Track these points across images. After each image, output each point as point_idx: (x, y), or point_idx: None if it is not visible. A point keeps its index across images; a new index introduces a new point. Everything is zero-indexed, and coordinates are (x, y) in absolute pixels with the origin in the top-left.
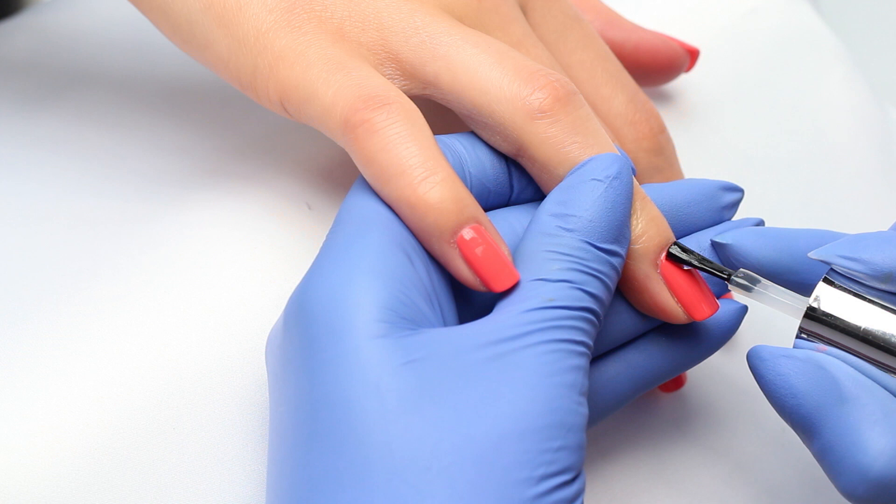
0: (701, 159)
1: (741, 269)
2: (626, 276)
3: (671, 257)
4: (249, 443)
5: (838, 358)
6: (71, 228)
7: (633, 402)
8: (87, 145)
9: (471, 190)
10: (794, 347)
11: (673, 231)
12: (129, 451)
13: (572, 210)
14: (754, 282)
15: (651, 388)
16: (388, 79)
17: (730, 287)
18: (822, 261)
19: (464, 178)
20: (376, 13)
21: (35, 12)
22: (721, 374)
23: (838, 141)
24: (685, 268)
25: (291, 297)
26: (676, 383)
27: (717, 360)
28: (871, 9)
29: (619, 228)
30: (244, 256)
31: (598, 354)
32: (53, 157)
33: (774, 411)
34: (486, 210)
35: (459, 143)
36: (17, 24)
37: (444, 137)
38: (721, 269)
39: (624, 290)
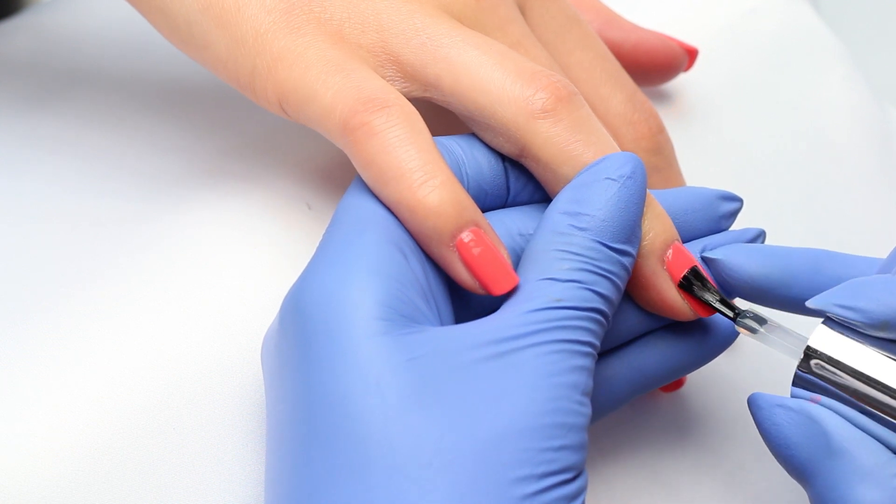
0: (700, 159)
1: (749, 310)
2: (632, 273)
3: (683, 287)
4: (249, 443)
5: (832, 408)
6: (71, 228)
7: (633, 403)
8: (87, 145)
9: (468, 192)
10: (791, 395)
11: None
12: (129, 451)
13: (585, 209)
14: (761, 323)
15: (651, 389)
16: (389, 81)
17: (736, 327)
18: (819, 310)
19: (461, 179)
20: (376, 15)
21: (35, 12)
22: (721, 375)
23: (838, 141)
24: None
25: (287, 297)
26: (677, 383)
27: (717, 362)
28: (871, 9)
29: (632, 228)
30: (244, 256)
31: (600, 352)
32: (53, 157)
33: None
34: (482, 212)
35: (457, 145)
36: (17, 24)
37: (441, 139)
38: (731, 308)
39: (629, 287)
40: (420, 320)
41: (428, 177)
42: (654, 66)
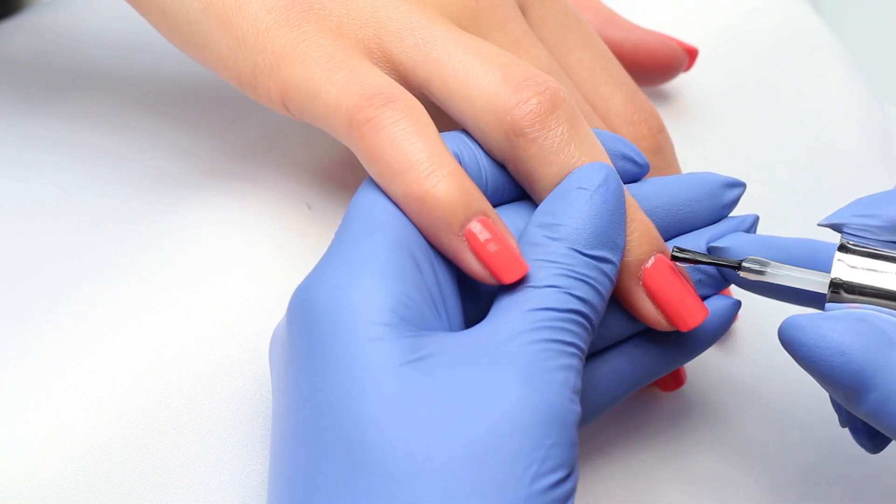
0: (700, 159)
1: (749, 257)
2: (616, 282)
3: (675, 259)
4: (249, 443)
5: (874, 310)
6: (71, 228)
7: (632, 401)
8: (87, 145)
9: (486, 185)
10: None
11: (673, 228)
12: (129, 451)
13: (558, 219)
14: (765, 265)
15: (646, 384)
16: None
17: (742, 275)
18: (833, 224)
19: (479, 173)
20: (374, 12)
21: (35, 12)
22: (720, 372)
23: (838, 141)
24: (692, 264)
25: (294, 294)
26: (676, 382)
27: (716, 359)
28: (871, 9)
29: (607, 234)
30: (244, 256)
31: (593, 351)
32: (53, 157)
33: (774, 410)
34: (497, 205)
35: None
36: (17, 24)
37: (463, 135)
38: (729, 261)
39: (615, 294)
40: (424, 325)
41: (435, 167)
42: (655, 65)
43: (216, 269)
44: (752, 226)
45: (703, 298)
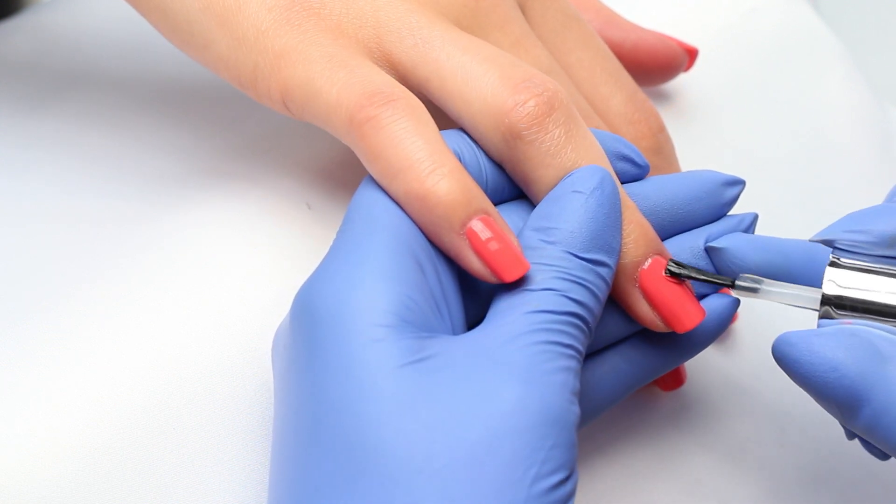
0: (700, 159)
1: (742, 274)
2: (613, 284)
3: (670, 273)
4: (250, 443)
5: (866, 325)
6: (71, 228)
7: (632, 400)
8: (87, 145)
9: (487, 184)
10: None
11: (672, 227)
12: (129, 451)
13: (554, 223)
14: (759, 282)
15: (644, 384)
16: None
17: (734, 293)
18: (825, 240)
19: (480, 171)
20: (374, 11)
21: (35, 12)
22: (720, 372)
23: (838, 141)
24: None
25: (298, 294)
26: (677, 381)
27: (716, 359)
28: (871, 9)
29: (603, 238)
30: (244, 256)
31: (591, 352)
32: (53, 157)
33: (774, 410)
34: (497, 203)
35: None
36: (17, 24)
37: (463, 131)
38: (723, 279)
39: (612, 295)
40: (426, 326)
41: (436, 165)
42: (654, 65)
43: (216, 269)
44: (751, 225)
45: (702, 297)
